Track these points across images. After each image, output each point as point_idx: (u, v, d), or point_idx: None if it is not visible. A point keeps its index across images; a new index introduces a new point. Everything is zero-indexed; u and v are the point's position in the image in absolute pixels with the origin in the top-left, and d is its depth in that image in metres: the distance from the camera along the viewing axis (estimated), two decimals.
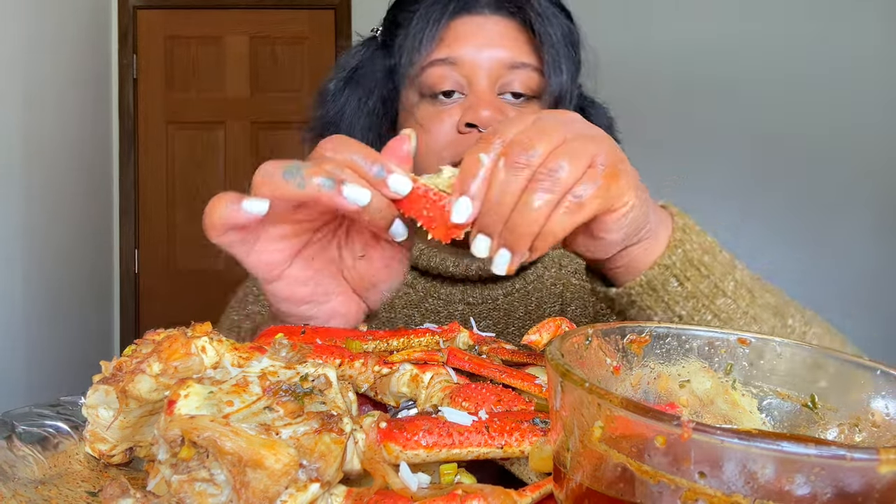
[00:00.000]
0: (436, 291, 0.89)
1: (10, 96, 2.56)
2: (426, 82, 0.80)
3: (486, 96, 0.79)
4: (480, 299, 0.88)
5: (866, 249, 3.52)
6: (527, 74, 0.80)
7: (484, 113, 0.77)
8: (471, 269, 0.87)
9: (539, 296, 0.90)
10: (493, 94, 0.80)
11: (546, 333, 0.45)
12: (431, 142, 0.80)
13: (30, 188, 2.69)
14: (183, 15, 3.58)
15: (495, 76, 0.80)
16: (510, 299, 0.89)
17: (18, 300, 2.61)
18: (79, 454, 0.42)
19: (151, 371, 0.35)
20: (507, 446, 0.35)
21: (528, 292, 0.90)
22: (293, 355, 0.36)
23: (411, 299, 0.89)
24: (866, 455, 0.23)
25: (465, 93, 0.80)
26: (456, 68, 0.80)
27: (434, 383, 0.42)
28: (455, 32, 0.81)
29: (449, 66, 0.80)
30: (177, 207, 3.58)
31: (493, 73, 0.80)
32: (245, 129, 3.60)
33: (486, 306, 0.89)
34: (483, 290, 0.89)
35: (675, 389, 0.37)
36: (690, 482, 0.24)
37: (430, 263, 0.88)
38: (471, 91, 0.80)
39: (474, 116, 0.77)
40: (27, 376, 2.64)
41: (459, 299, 0.88)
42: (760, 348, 0.37)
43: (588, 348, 0.34)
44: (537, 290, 0.91)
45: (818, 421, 0.35)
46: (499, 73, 0.80)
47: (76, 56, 3.15)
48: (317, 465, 0.31)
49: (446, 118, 0.80)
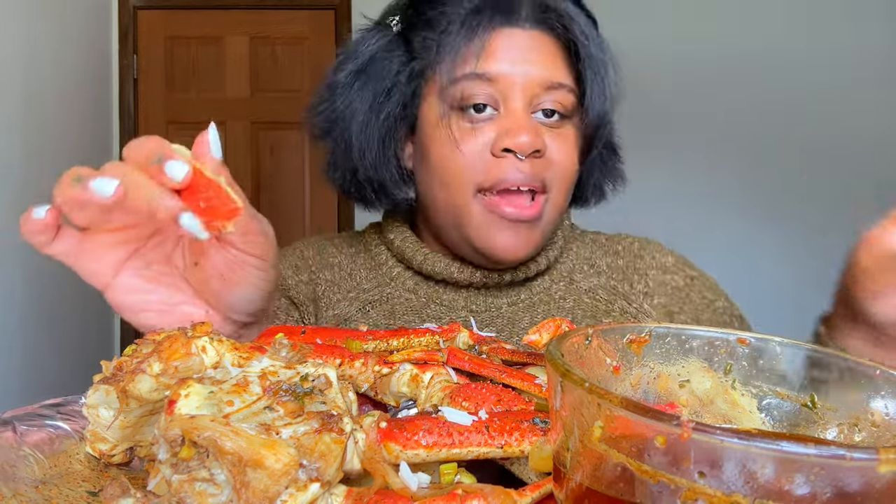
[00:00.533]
0: (438, 297, 0.87)
1: (10, 96, 2.56)
2: (457, 95, 0.77)
3: (522, 119, 0.76)
4: (484, 307, 0.86)
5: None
6: (562, 95, 0.78)
7: (522, 139, 0.74)
8: (475, 277, 0.84)
9: (546, 308, 0.87)
10: (528, 115, 0.77)
11: (546, 333, 0.45)
12: (459, 163, 0.77)
13: (30, 188, 2.69)
14: (183, 15, 3.58)
15: (530, 94, 0.77)
16: (514, 309, 0.86)
17: (18, 300, 2.61)
18: (79, 454, 0.42)
19: (152, 371, 0.35)
20: (507, 446, 0.35)
21: (533, 303, 0.87)
22: (293, 355, 0.36)
23: (413, 305, 0.87)
24: (866, 455, 0.23)
25: (497, 108, 0.77)
26: (491, 84, 0.76)
27: (434, 383, 0.42)
28: (493, 46, 0.77)
29: (484, 82, 0.76)
30: None
31: (528, 92, 0.77)
32: (245, 129, 3.60)
33: (490, 314, 0.86)
34: (487, 298, 0.86)
35: (674, 389, 0.37)
36: (690, 482, 0.24)
37: (435, 269, 0.85)
38: (505, 109, 0.77)
39: (512, 143, 0.75)
40: (27, 376, 2.64)
41: (462, 306, 0.86)
42: (760, 348, 0.37)
43: (588, 348, 0.35)
44: (544, 302, 0.87)
45: (818, 421, 0.35)
46: (534, 91, 0.77)
47: (77, 56, 3.15)
48: (317, 464, 0.31)
49: (479, 136, 0.77)
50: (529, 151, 0.75)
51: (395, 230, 0.89)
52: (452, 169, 0.77)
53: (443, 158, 0.78)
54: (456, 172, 0.77)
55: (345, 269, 0.90)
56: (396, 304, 0.87)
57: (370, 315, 0.87)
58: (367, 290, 0.88)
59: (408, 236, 0.88)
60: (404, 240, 0.87)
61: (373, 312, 0.87)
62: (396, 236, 0.88)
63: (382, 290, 0.88)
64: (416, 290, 0.87)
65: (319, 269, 0.90)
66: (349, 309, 0.87)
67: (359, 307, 0.87)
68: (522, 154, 0.75)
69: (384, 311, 0.87)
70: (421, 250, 0.86)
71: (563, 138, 0.79)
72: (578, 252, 0.92)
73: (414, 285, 0.88)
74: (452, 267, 0.84)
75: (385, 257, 0.90)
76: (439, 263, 0.85)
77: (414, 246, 0.87)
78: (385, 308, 0.87)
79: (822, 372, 0.36)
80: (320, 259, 0.91)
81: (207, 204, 0.45)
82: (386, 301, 0.87)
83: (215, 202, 0.45)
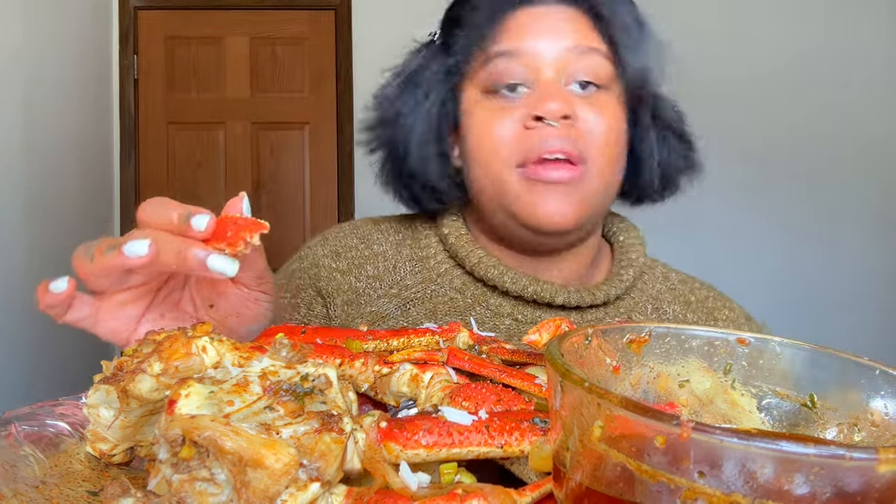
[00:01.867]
0: (486, 300, 0.84)
1: (10, 96, 2.56)
2: (488, 77, 0.77)
3: (552, 88, 0.75)
4: (530, 318, 0.83)
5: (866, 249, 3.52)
6: (596, 61, 0.76)
7: (552, 105, 0.73)
8: (527, 290, 0.81)
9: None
10: (558, 85, 0.76)
11: (546, 333, 0.45)
12: (495, 141, 0.76)
13: (30, 188, 2.69)
14: (183, 15, 3.57)
15: (562, 65, 0.76)
16: None
17: (19, 300, 2.61)
18: (80, 454, 0.42)
19: (152, 371, 0.36)
20: (507, 446, 0.35)
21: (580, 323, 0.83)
22: (293, 355, 0.36)
23: (458, 305, 0.84)
24: (865, 454, 0.23)
25: (530, 87, 0.76)
26: (519, 60, 0.76)
27: (434, 383, 0.42)
28: (517, 23, 0.77)
29: (512, 59, 0.76)
30: None
31: (560, 63, 0.76)
32: (245, 130, 3.60)
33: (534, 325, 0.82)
34: (535, 311, 0.83)
35: (674, 389, 0.37)
36: (690, 482, 0.24)
37: (487, 274, 0.82)
38: (536, 83, 0.76)
39: (543, 110, 0.73)
40: (28, 376, 2.64)
41: (508, 313, 0.83)
42: (760, 348, 0.37)
43: (588, 348, 0.35)
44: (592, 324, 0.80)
45: (817, 420, 0.35)
46: (565, 61, 0.76)
47: (77, 56, 3.15)
48: (317, 464, 0.31)
49: (510, 115, 0.76)
50: (558, 116, 0.73)
51: (451, 225, 0.87)
52: (489, 147, 0.77)
53: (479, 138, 0.78)
54: (492, 150, 0.77)
55: (389, 261, 0.87)
56: (439, 303, 0.85)
57: (410, 313, 0.85)
58: (409, 286, 0.86)
59: (463, 233, 0.86)
60: (459, 237, 0.85)
61: (413, 311, 0.85)
62: (452, 232, 0.86)
63: (427, 286, 0.85)
64: (464, 291, 0.85)
65: (362, 262, 0.87)
66: (388, 306, 0.85)
67: (398, 305, 0.85)
68: (552, 119, 0.73)
69: (425, 309, 0.84)
70: (476, 251, 0.84)
71: (601, 107, 0.77)
72: (644, 288, 0.88)
73: (461, 285, 0.85)
74: (506, 276, 0.82)
75: (434, 250, 0.87)
76: (493, 269, 0.82)
77: (468, 245, 0.84)
78: (427, 307, 0.84)
79: (821, 372, 0.36)
80: (364, 249, 0.88)
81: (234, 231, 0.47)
82: (429, 299, 0.85)
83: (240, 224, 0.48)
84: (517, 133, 0.76)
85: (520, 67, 0.76)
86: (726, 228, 3.47)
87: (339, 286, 0.86)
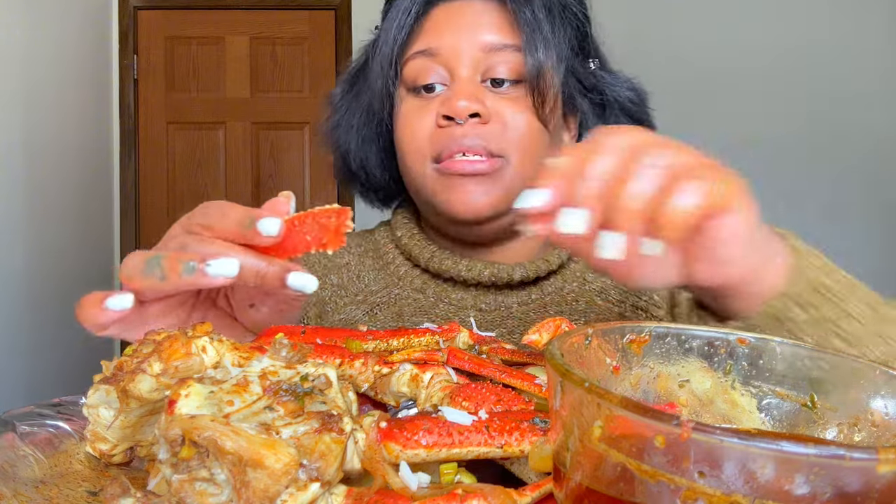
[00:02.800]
0: (447, 296, 0.85)
1: (10, 96, 2.56)
2: (408, 77, 0.79)
3: (464, 86, 0.76)
4: (494, 306, 0.84)
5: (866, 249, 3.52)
6: (511, 56, 0.77)
7: (460, 104, 0.74)
8: (483, 275, 0.82)
9: (558, 309, 0.85)
10: (473, 83, 0.77)
11: (546, 333, 0.45)
12: (414, 138, 0.79)
13: (30, 188, 2.69)
14: (183, 15, 3.58)
15: (477, 62, 0.77)
16: (525, 309, 0.84)
17: (19, 300, 2.61)
18: (79, 454, 0.42)
19: (152, 371, 0.35)
20: (507, 446, 0.35)
21: (544, 304, 0.85)
22: (293, 355, 0.36)
23: (421, 305, 0.85)
24: (865, 455, 0.23)
25: (447, 84, 0.78)
26: (436, 59, 0.77)
27: (434, 383, 0.42)
28: (433, 21, 0.78)
29: (428, 58, 0.77)
30: (177, 207, 3.58)
31: (475, 60, 0.77)
32: (245, 129, 3.60)
33: (500, 314, 0.84)
34: (497, 297, 0.84)
35: (674, 389, 0.37)
36: (690, 481, 0.24)
37: (442, 266, 0.84)
38: (452, 82, 0.78)
39: (450, 109, 0.75)
40: (28, 376, 2.64)
41: (471, 305, 0.84)
42: (760, 348, 0.37)
43: (588, 348, 0.35)
44: (555, 302, 0.85)
45: (817, 421, 0.35)
46: (480, 58, 0.77)
47: (77, 56, 3.15)
48: (317, 464, 0.31)
49: (426, 113, 0.78)
50: (466, 115, 0.74)
51: (403, 227, 0.89)
52: (409, 144, 0.79)
53: (401, 136, 0.81)
54: (412, 147, 0.79)
55: (353, 271, 0.90)
56: (404, 305, 0.86)
57: (377, 317, 0.86)
58: (374, 291, 0.88)
59: (415, 233, 0.87)
60: (411, 237, 0.87)
61: (380, 315, 0.87)
62: (404, 234, 0.88)
63: (390, 291, 0.88)
64: (425, 290, 0.86)
65: (326, 272, 0.90)
66: (356, 312, 0.87)
67: (366, 310, 0.87)
68: (460, 118, 0.75)
69: (391, 313, 0.86)
70: (428, 248, 0.86)
71: (515, 102, 0.78)
72: None
73: (422, 284, 0.87)
74: (460, 265, 0.83)
75: (393, 256, 0.89)
76: (446, 261, 0.84)
77: (421, 243, 0.86)
78: (392, 310, 0.86)
79: (821, 372, 0.36)
80: (327, 262, 0.91)
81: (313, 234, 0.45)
82: (394, 303, 0.87)
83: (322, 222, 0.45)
84: (432, 131, 0.78)
85: (436, 66, 0.77)
86: None
87: (307, 299, 0.88)
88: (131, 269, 0.44)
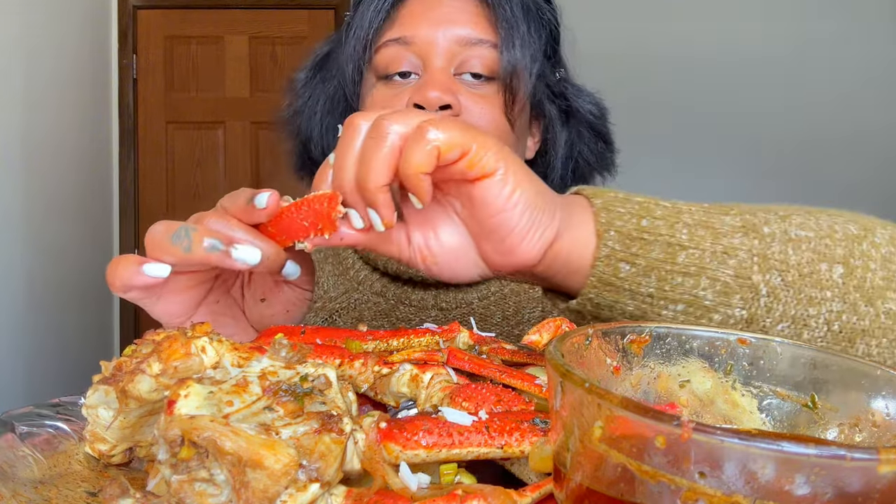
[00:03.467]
0: (407, 298, 0.84)
1: (9, 96, 2.56)
2: (380, 64, 0.78)
3: (438, 76, 0.75)
4: (454, 304, 0.84)
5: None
6: (486, 52, 0.76)
7: (432, 94, 0.73)
8: None
9: (517, 300, 0.85)
10: (447, 74, 0.76)
11: (546, 333, 0.45)
12: None
13: (30, 188, 2.69)
14: (183, 15, 3.58)
15: (451, 55, 0.76)
16: (486, 303, 0.84)
17: (19, 300, 2.61)
18: (79, 454, 0.42)
19: (151, 371, 0.35)
20: (507, 446, 0.35)
21: (504, 296, 0.85)
22: (293, 355, 0.36)
23: (381, 308, 0.85)
24: (866, 455, 0.23)
25: (419, 73, 0.77)
26: (410, 48, 0.76)
27: (434, 383, 0.42)
28: (409, 10, 0.78)
29: (402, 46, 0.77)
30: (177, 207, 3.58)
31: (449, 52, 0.76)
32: (245, 129, 3.60)
33: (461, 311, 0.84)
34: (457, 294, 0.84)
35: (675, 389, 0.37)
36: (690, 482, 0.24)
37: (399, 267, 0.83)
38: (425, 71, 0.77)
39: (422, 98, 0.73)
40: (27, 376, 2.64)
41: (433, 304, 0.84)
42: (761, 348, 0.37)
43: (588, 348, 0.34)
44: (515, 293, 0.86)
45: (818, 421, 0.35)
46: (455, 51, 0.76)
47: (76, 56, 3.15)
48: (317, 465, 0.31)
49: (398, 101, 0.76)
50: (436, 106, 0.73)
51: None
52: None
53: None
54: None
55: None
56: (364, 310, 0.86)
57: (336, 323, 0.86)
58: (333, 297, 0.87)
59: None
60: None
61: (339, 321, 0.86)
62: None
63: (350, 296, 0.87)
64: (384, 293, 0.86)
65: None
66: (315, 320, 0.87)
67: (324, 317, 0.87)
68: (430, 108, 0.73)
69: (351, 318, 0.86)
70: None
71: (486, 99, 0.77)
72: None
73: (381, 287, 0.86)
74: None
75: (352, 261, 0.89)
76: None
77: None
78: (352, 315, 0.86)
79: (822, 372, 0.35)
80: None
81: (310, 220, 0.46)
82: (354, 308, 0.86)
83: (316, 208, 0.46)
84: None
85: (410, 55, 0.77)
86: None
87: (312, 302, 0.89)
88: (159, 236, 0.45)
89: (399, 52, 0.77)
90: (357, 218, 0.45)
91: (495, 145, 0.44)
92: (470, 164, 0.43)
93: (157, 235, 0.45)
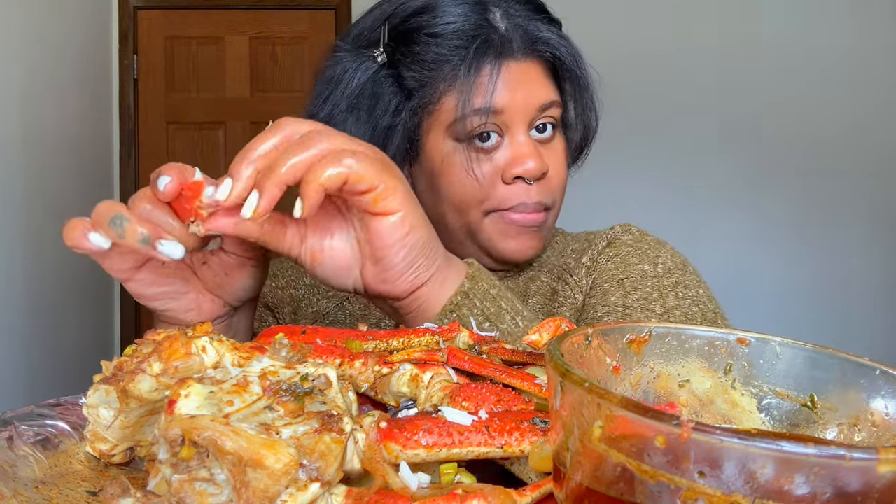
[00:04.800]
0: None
1: (10, 96, 2.56)
2: (465, 129, 0.81)
3: (527, 146, 0.81)
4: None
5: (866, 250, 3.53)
6: (553, 110, 0.84)
7: (530, 165, 0.80)
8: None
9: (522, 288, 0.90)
10: (530, 140, 0.82)
11: (546, 333, 0.45)
12: (477, 186, 0.81)
13: (30, 188, 2.69)
14: (183, 15, 3.58)
15: (529, 119, 0.82)
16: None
17: (19, 300, 2.61)
18: (79, 454, 0.42)
19: (152, 371, 0.35)
20: (507, 446, 0.35)
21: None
22: (293, 355, 0.36)
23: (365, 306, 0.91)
24: (866, 455, 0.23)
25: (502, 135, 0.82)
26: (494, 115, 0.81)
27: (434, 383, 0.42)
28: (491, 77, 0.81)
29: (487, 116, 0.81)
30: None
31: (528, 116, 0.82)
32: (245, 130, 3.60)
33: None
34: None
35: (674, 389, 0.37)
36: (690, 482, 0.24)
37: None
38: (509, 135, 0.82)
39: (522, 170, 0.80)
40: (27, 376, 2.64)
41: None
42: (760, 348, 0.37)
43: (588, 348, 0.34)
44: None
45: (817, 420, 0.35)
46: (532, 115, 0.82)
47: (77, 56, 3.15)
48: (317, 464, 0.31)
49: (487, 164, 0.81)
50: (537, 176, 0.81)
51: None
52: (468, 195, 0.82)
53: (456, 185, 0.83)
54: (471, 198, 0.82)
55: None
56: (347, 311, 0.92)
57: (346, 308, 0.92)
58: None
59: None
60: None
61: (349, 307, 0.92)
62: None
63: None
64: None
65: (298, 275, 0.96)
66: (328, 306, 0.93)
67: (336, 303, 0.93)
68: (532, 179, 0.81)
69: (361, 303, 0.92)
70: None
71: (556, 152, 0.85)
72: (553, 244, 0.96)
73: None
74: None
75: None
76: None
77: None
78: (361, 301, 0.91)
79: (822, 372, 0.36)
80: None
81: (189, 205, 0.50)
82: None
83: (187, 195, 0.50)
84: (495, 185, 0.82)
85: (494, 120, 0.81)
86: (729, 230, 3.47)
87: (281, 299, 0.96)
88: (100, 217, 0.49)
89: (485, 118, 0.81)
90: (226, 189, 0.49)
91: (403, 191, 0.53)
92: (374, 200, 0.51)
93: (99, 216, 0.49)
